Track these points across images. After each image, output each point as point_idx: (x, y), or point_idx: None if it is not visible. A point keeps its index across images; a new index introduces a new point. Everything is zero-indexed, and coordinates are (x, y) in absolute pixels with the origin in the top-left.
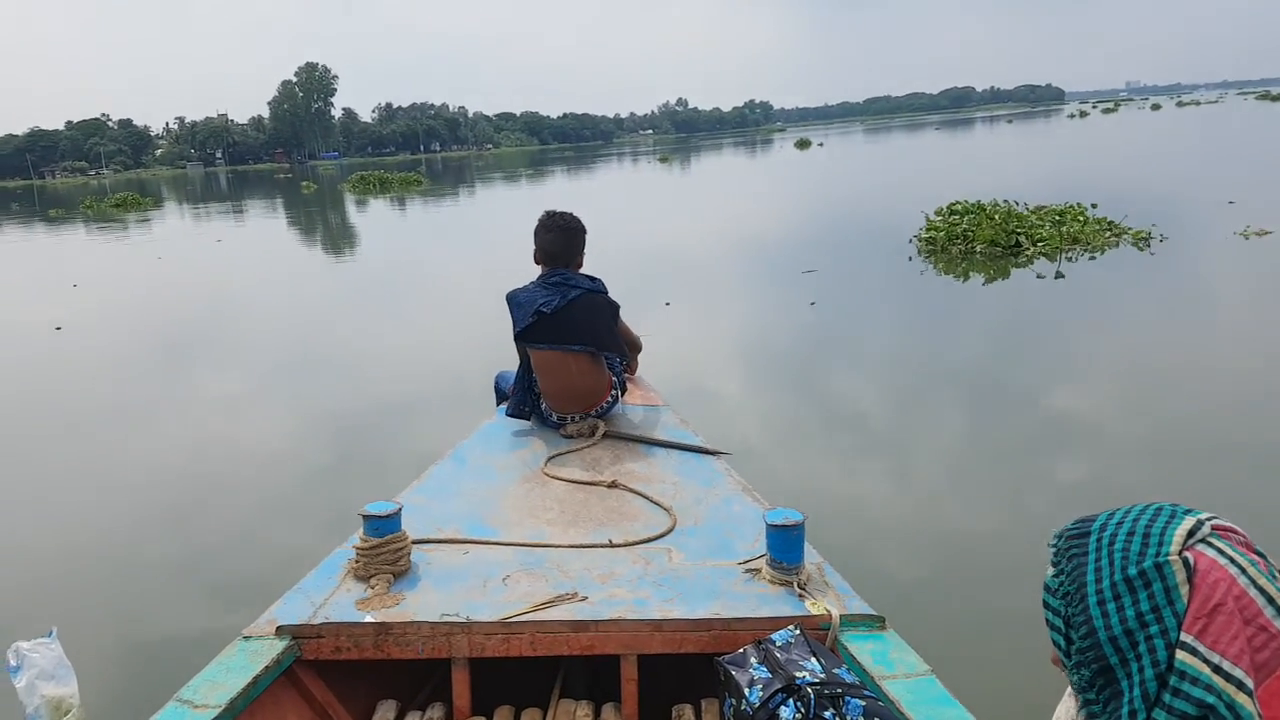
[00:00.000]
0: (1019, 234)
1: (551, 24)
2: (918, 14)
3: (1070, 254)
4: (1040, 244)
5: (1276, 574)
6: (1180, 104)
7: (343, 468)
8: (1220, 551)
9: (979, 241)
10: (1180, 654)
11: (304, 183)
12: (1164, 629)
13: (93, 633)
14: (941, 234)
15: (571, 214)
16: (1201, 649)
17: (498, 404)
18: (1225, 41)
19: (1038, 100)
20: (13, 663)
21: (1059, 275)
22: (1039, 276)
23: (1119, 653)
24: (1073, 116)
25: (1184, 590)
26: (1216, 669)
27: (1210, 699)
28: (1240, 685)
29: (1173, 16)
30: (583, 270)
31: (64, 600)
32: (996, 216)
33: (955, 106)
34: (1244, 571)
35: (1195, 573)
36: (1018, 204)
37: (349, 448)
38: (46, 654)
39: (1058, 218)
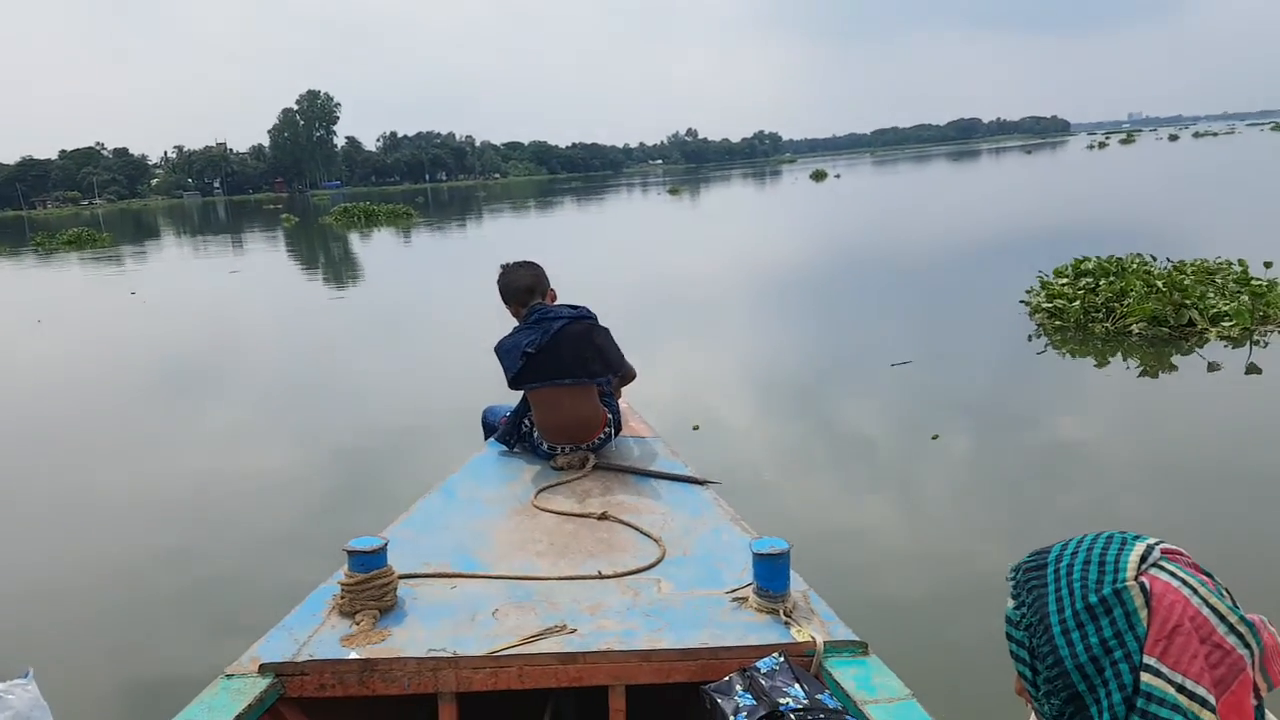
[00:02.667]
0: (1188, 307)
1: (561, 55)
2: (923, 48)
3: (1260, 336)
4: (1225, 322)
5: (1224, 592)
6: (1197, 135)
7: (328, 503)
8: (1172, 574)
9: (1134, 317)
10: (1145, 676)
11: (284, 216)
12: (1127, 653)
13: (71, 672)
14: (1074, 305)
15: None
16: (1165, 670)
17: (485, 438)
18: (1224, 75)
19: (1043, 131)
20: None
21: (1253, 369)
22: (1213, 368)
23: (1086, 679)
24: (1091, 147)
25: (1143, 614)
26: (1180, 688)
27: (1177, 718)
28: (1204, 703)
29: (1172, 50)
30: (559, 301)
31: (42, 639)
32: (1159, 283)
33: (962, 138)
34: (1195, 592)
35: (1152, 596)
36: (1153, 260)
37: (335, 483)
38: (23, 695)
39: (1234, 283)
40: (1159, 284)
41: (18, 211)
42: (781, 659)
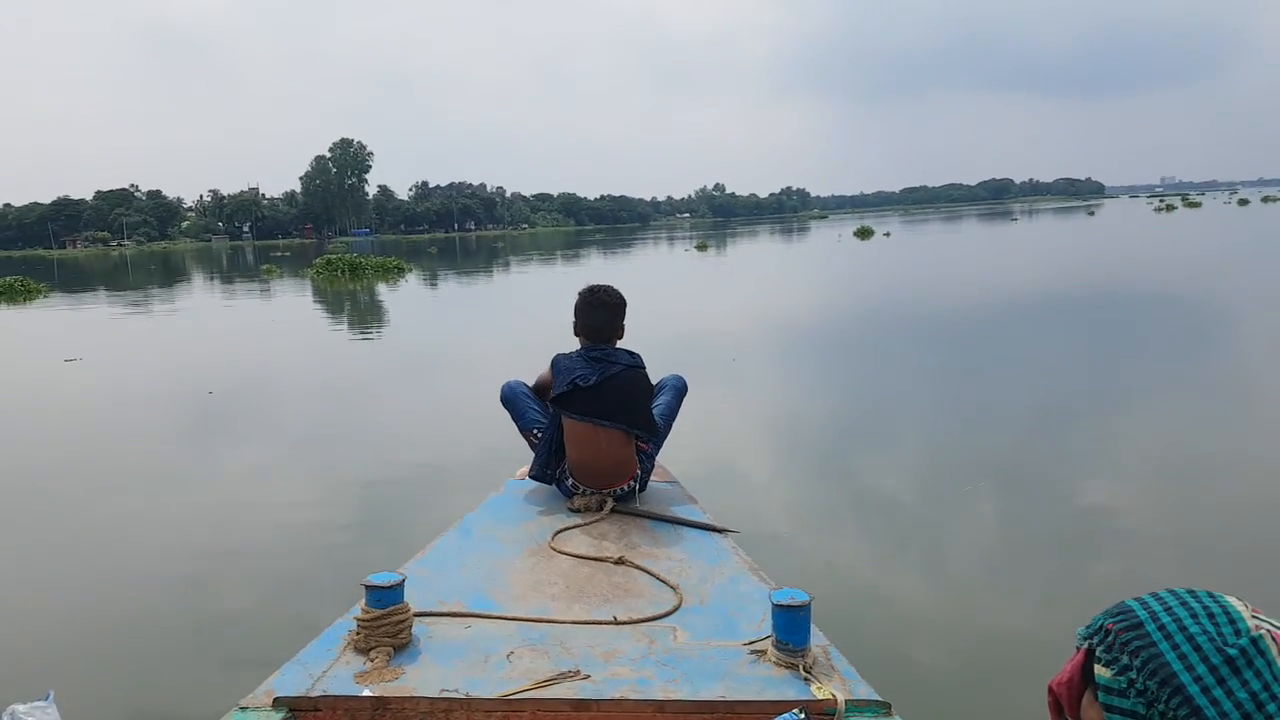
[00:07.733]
0: None
1: (592, 112)
2: (952, 107)
3: None
4: None
5: None
6: (1266, 200)
7: (347, 540)
8: (1275, 625)
9: None
10: None
11: (266, 267)
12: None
13: (92, 698)
14: None
15: (613, 288)
16: None
17: (511, 411)
18: (1252, 140)
19: (1078, 193)
20: None
21: None
22: None
23: None
24: (1159, 210)
25: None
26: None
27: None
28: None
29: (1200, 115)
30: (622, 343)
31: (65, 664)
32: None
33: (994, 198)
34: None
35: None
36: None
37: (355, 521)
38: (43, 718)
39: None
40: None
41: (47, 250)
42: (801, 716)
